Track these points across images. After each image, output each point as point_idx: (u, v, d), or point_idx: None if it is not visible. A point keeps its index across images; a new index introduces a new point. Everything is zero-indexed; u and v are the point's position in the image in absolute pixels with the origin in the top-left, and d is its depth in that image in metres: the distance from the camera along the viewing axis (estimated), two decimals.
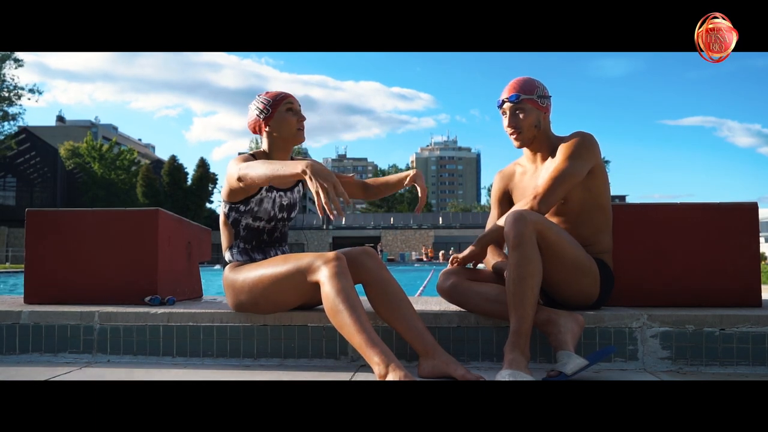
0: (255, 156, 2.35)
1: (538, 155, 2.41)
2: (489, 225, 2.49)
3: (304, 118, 2.37)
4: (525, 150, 2.44)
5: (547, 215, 2.25)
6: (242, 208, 2.33)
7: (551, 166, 2.31)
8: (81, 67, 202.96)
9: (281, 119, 2.33)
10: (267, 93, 2.38)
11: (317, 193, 1.87)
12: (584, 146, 2.25)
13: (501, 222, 2.25)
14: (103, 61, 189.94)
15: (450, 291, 2.34)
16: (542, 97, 2.35)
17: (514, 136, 2.37)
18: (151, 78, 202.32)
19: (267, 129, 2.35)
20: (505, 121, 2.38)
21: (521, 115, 2.34)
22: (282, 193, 2.39)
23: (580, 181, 2.25)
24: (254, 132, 2.41)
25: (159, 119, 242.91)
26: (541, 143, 2.38)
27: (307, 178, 1.91)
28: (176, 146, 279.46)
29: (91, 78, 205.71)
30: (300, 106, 2.39)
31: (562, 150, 2.27)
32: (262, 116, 2.34)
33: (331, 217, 1.88)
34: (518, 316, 1.98)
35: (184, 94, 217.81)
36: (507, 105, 2.36)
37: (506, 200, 2.53)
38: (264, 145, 2.40)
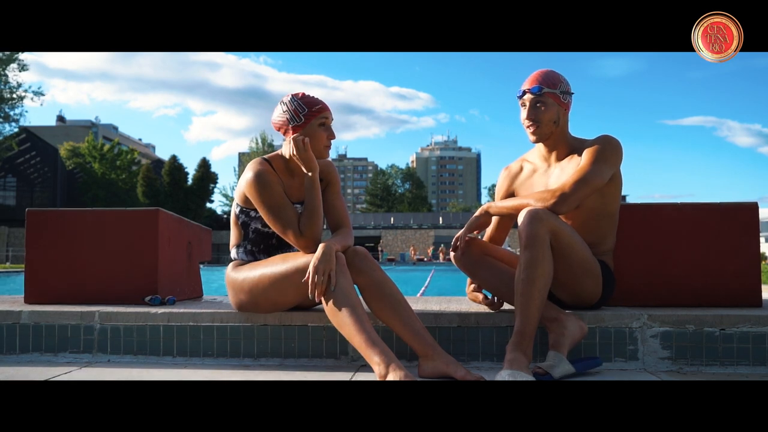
0: (271, 162, 2.29)
1: (553, 153, 2.35)
2: (494, 223, 2.49)
3: (334, 136, 2.27)
4: (538, 146, 2.38)
5: None
6: (253, 213, 2.31)
7: (568, 166, 2.27)
8: (79, 66, 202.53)
9: (312, 134, 2.23)
10: (303, 97, 2.25)
11: (312, 272, 2.04)
12: (612, 151, 2.20)
13: (510, 202, 2.22)
14: (101, 61, 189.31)
15: (465, 261, 2.34)
16: (564, 93, 2.28)
17: (532, 129, 2.28)
18: (149, 77, 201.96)
19: (285, 139, 2.27)
20: (524, 113, 2.28)
21: (542, 109, 2.25)
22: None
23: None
24: (277, 131, 2.31)
25: (158, 119, 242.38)
26: (557, 141, 2.32)
27: (311, 263, 2.05)
28: (175, 146, 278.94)
29: (89, 77, 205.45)
30: (332, 119, 2.30)
31: (589, 152, 2.20)
32: (292, 124, 2.24)
33: (310, 296, 2.05)
34: (523, 317, 1.98)
35: (183, 94, 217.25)
36: (528, 96, 2.27)
37: (511, 197, 2.50)
38: (284, 150, 2.30)
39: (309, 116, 2.23)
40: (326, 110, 2.27)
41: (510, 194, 2.47)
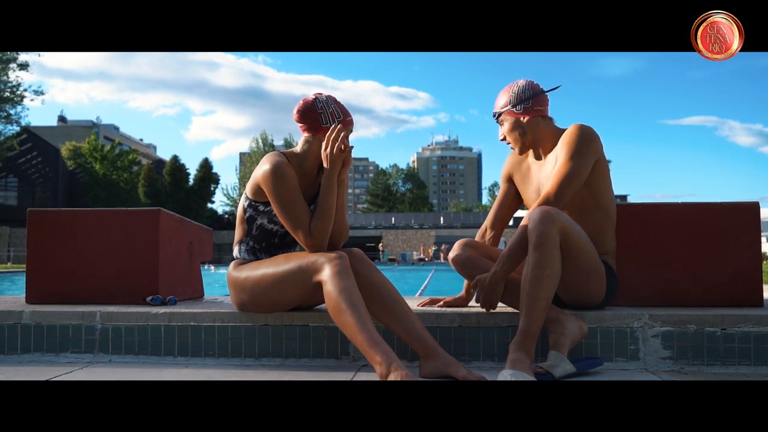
0: (287, 156, 2.28)
1: (540, 150, 2.39)
2: (497, 202, 2.55)
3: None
4: None
5: None
6: (262, 208, 2.30)
7: (553, 161, 2.30)
8: (77, 65, 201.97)
9: (318, 143, 2.25)
10: (336, 103, 2.27)
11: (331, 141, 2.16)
12: (585, 141, 2.22)
13: (507, 252, 2.18)
14: (100, 60, 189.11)
15: (464, 263, 2.36)
16: (518, 104, 2.34)
17: (511, 148, 2.44)
18: (148, 77, 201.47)
19: (305, 136, 2.29)
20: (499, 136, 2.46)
21: (505, 130, 2.40)
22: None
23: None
24: (297, 122, 2.32)
25: (157, 118, 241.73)
26: (543, 141, 2.37)
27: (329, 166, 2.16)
28: (175, 146, 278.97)
29: (88, 77, 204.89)
30: (347, 140, 2.26)
31: (563, 147, 2.24)
32: (307, 123, 2.26)
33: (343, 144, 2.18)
34: (529, 318, 1.98)
35: (182, 93, 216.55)
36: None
37: (510, 181, 2.53)
38: (299, 146, 2.31)
39: (325, 128, 2.24)
40: (343, 131, 2.22)
41: (508, 175, 2.53)
